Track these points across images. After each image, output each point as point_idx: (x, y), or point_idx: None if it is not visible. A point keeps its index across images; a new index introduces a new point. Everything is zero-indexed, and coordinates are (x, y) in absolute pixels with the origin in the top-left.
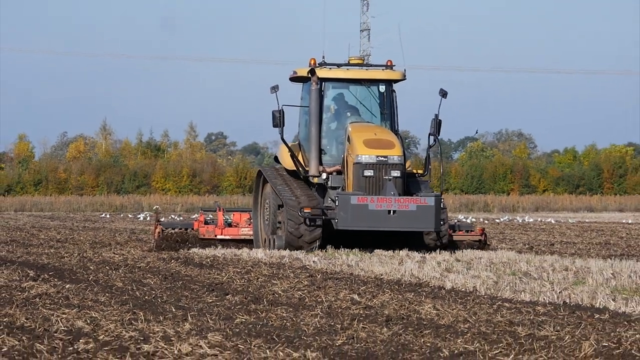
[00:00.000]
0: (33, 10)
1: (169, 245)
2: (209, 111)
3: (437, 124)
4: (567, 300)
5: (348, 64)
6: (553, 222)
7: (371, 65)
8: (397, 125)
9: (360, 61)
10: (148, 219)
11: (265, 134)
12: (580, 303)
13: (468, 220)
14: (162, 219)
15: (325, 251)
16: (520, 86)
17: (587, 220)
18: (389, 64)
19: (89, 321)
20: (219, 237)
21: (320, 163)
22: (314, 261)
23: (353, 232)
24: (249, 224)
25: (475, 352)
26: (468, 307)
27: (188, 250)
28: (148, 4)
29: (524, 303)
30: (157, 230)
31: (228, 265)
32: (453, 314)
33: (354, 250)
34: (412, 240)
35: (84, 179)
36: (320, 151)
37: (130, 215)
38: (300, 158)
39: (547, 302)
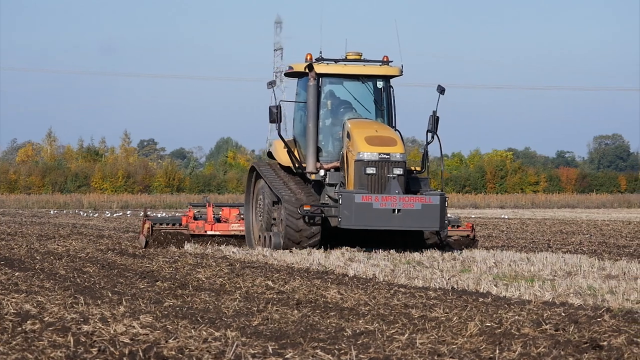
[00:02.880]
0: None
1: (160, 242)
2: (141, 120)
3: (435, 121)
4: (455, 286)
5: (345, 59)
6: None
7: (368, 61)
8: (395, 121)
9: (357, 56)
10: (92, 214)
11: (190, 140)
12: (467, 288)
13: None
14: (150, 214)
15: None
16: (414, 98)
17: (472, 216)
18: (385, 59)
19: (35, 305)
20: (209, 233)
21: (317, 159)
22: (233, 251)
23: (354, 230)
24: (239, 220)
25: (374, 332)
26: (368, 292)
27: (181, 248)
28: (89, 28)
29: (417, 288)
30: (147, 225)
31: (158, 255)
32: (355, 298)
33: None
34: (412, 239)
35: (31, 179)
36: (318, 147)
37: (72, 212)
38: (295, 154)
39: (438, 287)
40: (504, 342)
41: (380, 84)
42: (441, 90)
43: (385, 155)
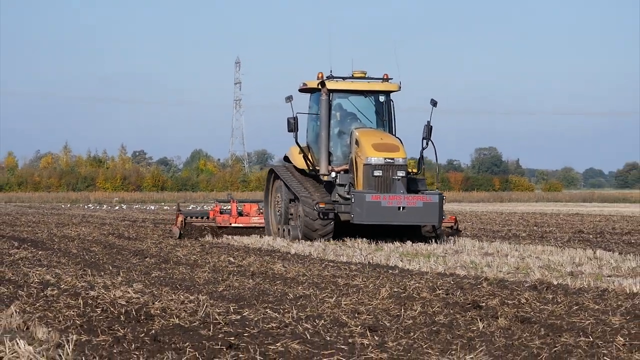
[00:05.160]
0: (25, 64)
1: (192, 234)
2: (134, 136)
3: (429, 130)
4: (371, 261)
5: (352, 77)
6: None
7: (372, 78)
8: (395, 130)
9: (362, 74)
10: (104, 207)
11: (171, 151)
12: (380, 263)
13: None
14: (182, 209)
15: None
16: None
17: None
18: (385, 77)
19: (54, 275)
20: (233, 225)
21: (329, 163)
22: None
23: (363, 224)
24: (259, 214)
25: (310, 296)
26: (306, 265)
27: (217, 238)
28: (95, 64)
29: (343, 263)
30: (180, 219)
31: (147, 238)
32: (296, 270)
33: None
34: (411, 232)
35: (51, 181)
36: (329, 153)
37: (81, 206)
38: (309, 158)
39: (358, 262)
40: (408, 303)
41: (382, 98)
42: (434, 103)
43: (390, 160)
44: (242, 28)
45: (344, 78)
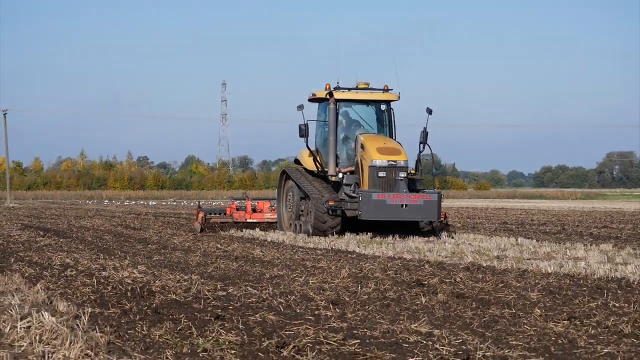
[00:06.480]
0: (51, 81)
1: (211, 229)
2: (138, 143)
3: (425, 135)
4: (333, 247)
5: (356, 88)
6: None
7: (374, 89)
8: (395, 136)
9: (366, 85)
10: (113, 202)
11: (169, 156)
12: (341, 248)
13: None
14: (202, 206)
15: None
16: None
17: None
18: (385, 88)
19: (72, 259)
20: (248, 220)
21: (336, 165)
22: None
23: (368, 220)
24: (271, 210)
25: (283, 275)
26: (280, 251)
27: (236, 232)
28: (104, 85)
29: (310, 248)
30: (200, 215)
31: (149, 228)
32: (271, 255)
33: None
34: (411, 227)
35: (70, 181)
36: (336, 156)
37: (95, 202)
38: (318, 160)
39: (323, 248)
40: (364, 281)
41: (383, 107)
42: (429, 111)
43: (393, 162)
44: (228, 56)
45: (349, 89)
